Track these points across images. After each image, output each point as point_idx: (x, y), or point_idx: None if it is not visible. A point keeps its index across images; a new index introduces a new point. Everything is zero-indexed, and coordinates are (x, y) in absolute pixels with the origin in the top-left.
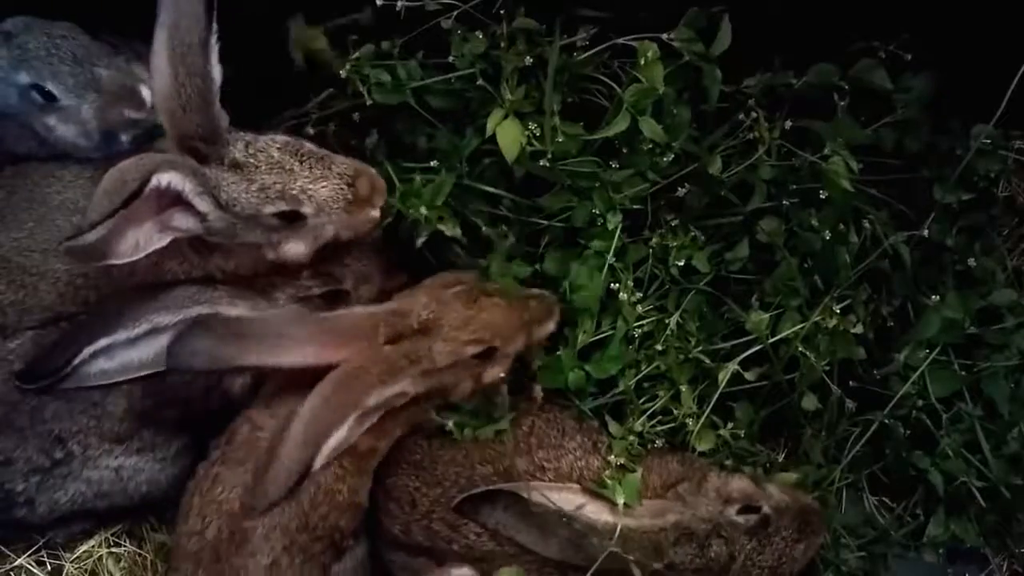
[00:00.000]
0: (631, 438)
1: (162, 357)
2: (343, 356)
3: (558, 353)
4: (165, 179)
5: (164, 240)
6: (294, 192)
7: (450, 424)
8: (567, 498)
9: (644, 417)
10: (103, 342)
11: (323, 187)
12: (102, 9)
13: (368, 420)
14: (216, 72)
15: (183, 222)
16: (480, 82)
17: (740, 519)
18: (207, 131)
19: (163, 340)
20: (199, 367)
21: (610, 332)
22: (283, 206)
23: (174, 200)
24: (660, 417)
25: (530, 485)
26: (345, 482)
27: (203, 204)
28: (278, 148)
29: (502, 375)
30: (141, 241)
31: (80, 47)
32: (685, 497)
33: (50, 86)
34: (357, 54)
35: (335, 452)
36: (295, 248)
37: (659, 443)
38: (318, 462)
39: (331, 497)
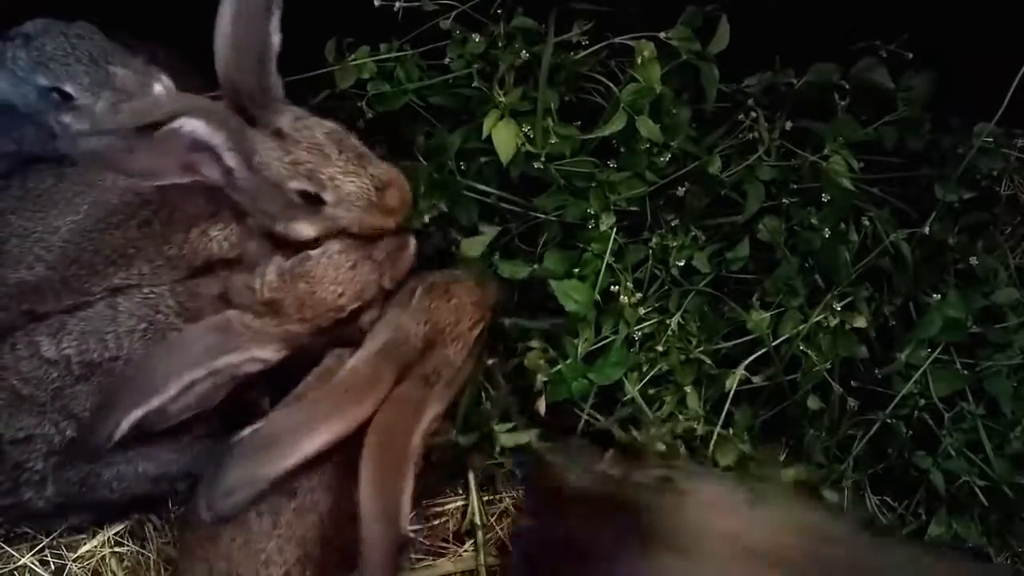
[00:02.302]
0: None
1: (201, 404)
2: (365, 412)
3: (559, 367)
4: (191, 125)
5: (184, 179)
6: (322, 177)
7: None
8: None
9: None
10: (138, 413)
11: (351, 182)
12: (120, 12)
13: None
14: (275, 38)
15: (208, 170)
16: (476, 83)
17: None
18: (259, 94)
19: (200, 388)
20: (245, 504)
21: (611, 337)
22: (307, 186)
23: (205, 147)
24: (669, 424)
25: None
26: None
27: (232, 160)
28: (324, 132)
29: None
30: (158, 170)
31: (96, 46)
32: None
33: (67, 87)
34: (354, 59)
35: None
36: (304, 230)
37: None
38: (405, 523)
39: (351, 510)
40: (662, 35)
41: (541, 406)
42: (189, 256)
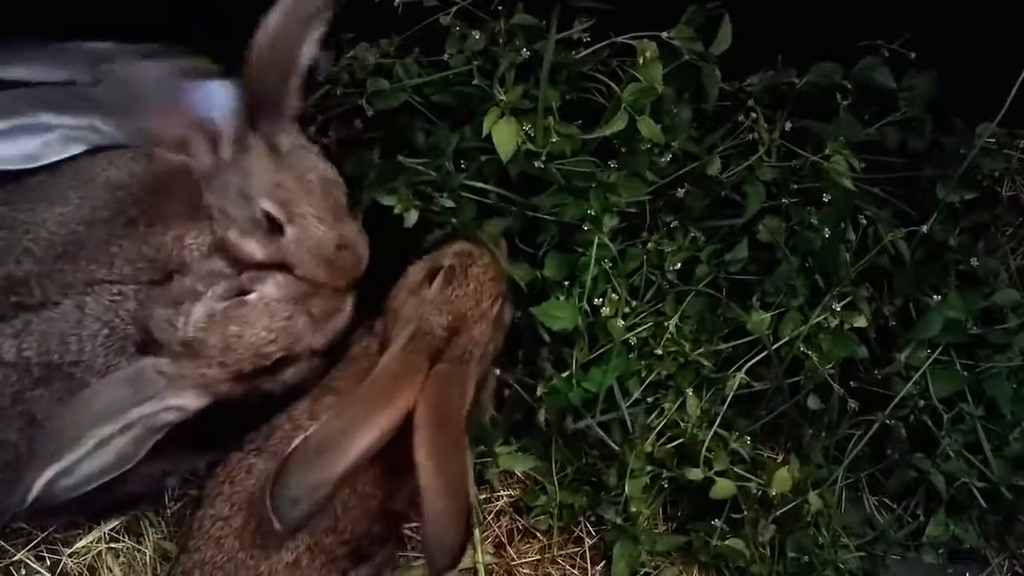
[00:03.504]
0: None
1: (123, 461)
2: (408, 401)
3: (553, 382)
4: (223, 90)
5: (175, 154)
6: (295, 211)
7: None
8: None
9: (653, 435)
10: (50, 472)
11: (319, 229)
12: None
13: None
14: (307, 51)
15: (199, 153)
16: (476, 80)
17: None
18: (272, 104)
19: (118, 445)
20: (312, 510)
21: (608, 345)
22: (277, 212)
23: (209, 129)
24: (669, 433)
25: None
26: (381, 487)
27: (227, 151)
28: (317, 172)
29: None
30: (156, 129)
31: None
32: None
33: None
34: (352, 54)
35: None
36: (254, 251)
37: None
38: (472, 494)
39: (364, 502)
40: (664, 35)
41: (541, 416)
42: (164, 259)
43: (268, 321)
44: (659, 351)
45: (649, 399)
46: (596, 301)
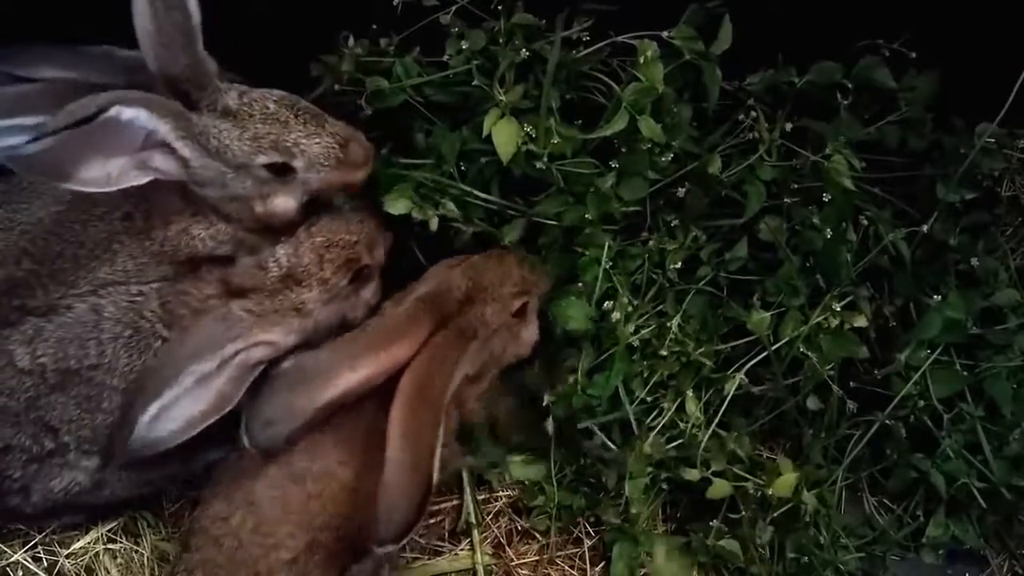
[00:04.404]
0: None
1: (223, 401)
2: (405, 353)
3: (559, 389)
4: (129, 114)
5: (142, 178)
6: (288, 144)
7: None
8: None
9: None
10: (154, 407)
11: (316, 143)
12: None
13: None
14: (193, 7)
15: (164, 164)
16: (476, 81)
17: None
18: (194, 73)
19: (216, 385)
20: (284, 435)
21: (613, 349)
22: (276, 157)
23: (156, 141)
24: (668, 433)
25: None
26: (365, 482)
27: (185, 149)
28: (274, 100)
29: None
30: (113, 173)
31: None
32: None
33: None
34: (354, 47)
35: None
36: (284, 203)
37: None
38: (436, 474)
39: (353, 496)
40: (665, 34)
41: (549, 425)
42: (170, 252)
43: (345, 225)
44: (663, 351)
45: (648, 398)
46: (606, 305)
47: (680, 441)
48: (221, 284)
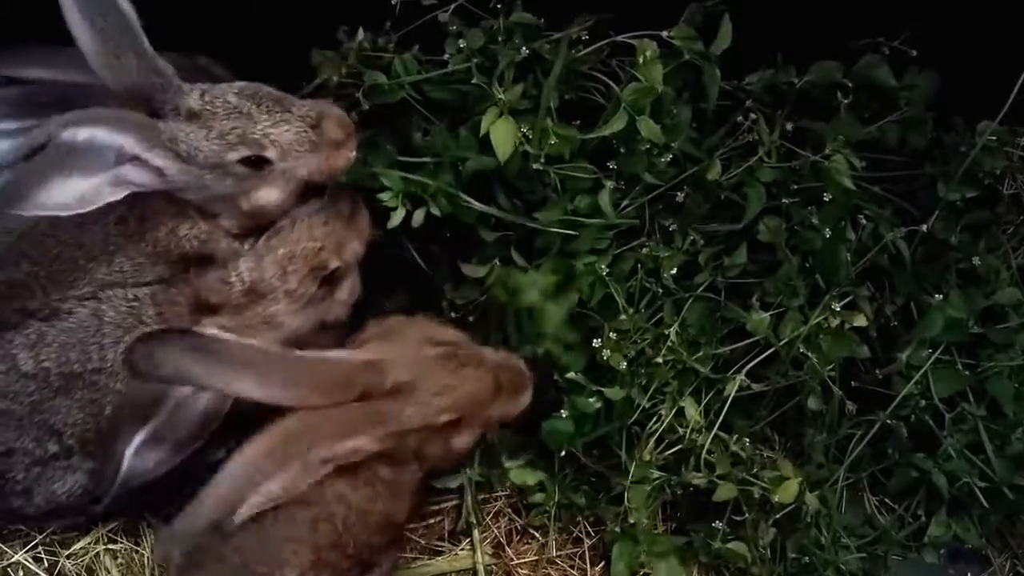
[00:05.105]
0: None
1: (211, 415)
2: (312, 402)
3: (550, 420)
4: (84, 134)
5: (119, 193)
6: (255, 136)
7: None
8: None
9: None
10: (138, 438)
11: (285, 131)
12: None
13: (314, 473)
14: (126, 5)
15: (139, 177)
16: (475, 79)
17: None
18: (150, 78)
19: (199, 407)
20: (161, 377)
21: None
22: (245, 151)
23: (127, 156)
24: (668, 439)
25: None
26: (377, 504)
27: (157, 159)
28: (235, 93)
29: (469, 444)
30: (88, 194)
31: None
32: None
33: None
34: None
35: (263, 503)
36: (268, 195)
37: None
38: (243, 511)
39: (364, 518)
40: (664, 34)
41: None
42: (163, 253)
43: (309, 232)
44: (659, 359)
45: (647, 404)
46: (595, 343)
47: (681, 446)
48: (193, 300)
